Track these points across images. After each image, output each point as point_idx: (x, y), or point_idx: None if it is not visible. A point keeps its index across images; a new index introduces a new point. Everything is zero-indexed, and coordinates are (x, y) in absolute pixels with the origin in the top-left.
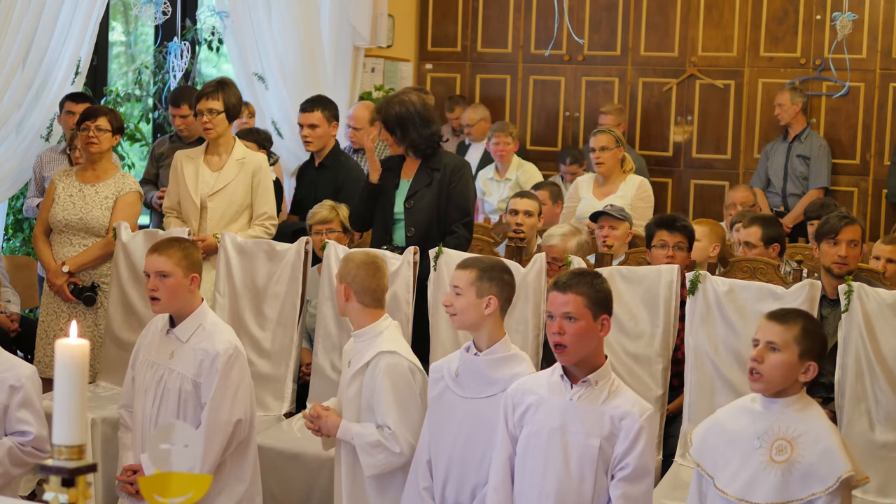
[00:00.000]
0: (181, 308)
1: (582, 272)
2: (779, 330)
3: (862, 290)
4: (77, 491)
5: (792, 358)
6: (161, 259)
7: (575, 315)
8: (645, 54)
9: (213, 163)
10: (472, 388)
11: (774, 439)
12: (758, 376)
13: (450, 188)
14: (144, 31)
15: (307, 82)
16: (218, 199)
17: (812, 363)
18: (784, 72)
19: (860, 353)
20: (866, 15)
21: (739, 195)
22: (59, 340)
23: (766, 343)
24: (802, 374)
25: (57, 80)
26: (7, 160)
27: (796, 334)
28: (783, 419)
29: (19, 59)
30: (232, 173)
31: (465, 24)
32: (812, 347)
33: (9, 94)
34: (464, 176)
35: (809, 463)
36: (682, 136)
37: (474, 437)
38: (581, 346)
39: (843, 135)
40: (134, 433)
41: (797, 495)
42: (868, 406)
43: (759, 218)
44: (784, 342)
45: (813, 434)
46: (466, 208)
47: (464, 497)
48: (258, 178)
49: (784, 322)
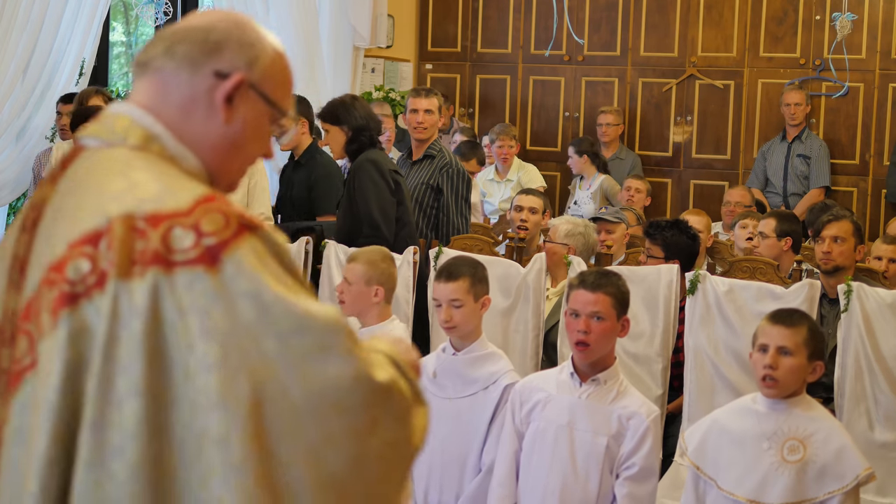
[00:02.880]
0: None
1: (607, 272)
2: (788, 334)
3: (861, 289)
4: None
5: (803, 360)
6: None
7: (603, 315)
8: (645, 54)
9: None
10: (451, 388)
11: (785, 440)
12: (773, 382)
13: (352, 193)
14: (145, 32)
15: (305, 82)
16: None
17: (819, 363)
18: (784, 72)
19: (860, 352)
20: (866, 15)
21: (737, 195)
22: None
23: (776, 348)
24: (811, 375)
25: (61, 83)
26: (10, 165)
27: (805, 337)
28: (792, 419)
29: (23, 63)
30: None
31: (465, 24)
32: (818, 347)
33: (12, 99)
34: (358, 177)
35: (824, 462)
36: (682, 137)
37: (455, 436)
38: (603, 346)
39: (843, 135)
40: None
41: (812, 494)
42: (867, 406)
43: (778, 212)
44: (795, 346)
45: (824, 433)
46: (369, 215)
47: (448, 497)
48: (255, 180)
49: (791, 325)
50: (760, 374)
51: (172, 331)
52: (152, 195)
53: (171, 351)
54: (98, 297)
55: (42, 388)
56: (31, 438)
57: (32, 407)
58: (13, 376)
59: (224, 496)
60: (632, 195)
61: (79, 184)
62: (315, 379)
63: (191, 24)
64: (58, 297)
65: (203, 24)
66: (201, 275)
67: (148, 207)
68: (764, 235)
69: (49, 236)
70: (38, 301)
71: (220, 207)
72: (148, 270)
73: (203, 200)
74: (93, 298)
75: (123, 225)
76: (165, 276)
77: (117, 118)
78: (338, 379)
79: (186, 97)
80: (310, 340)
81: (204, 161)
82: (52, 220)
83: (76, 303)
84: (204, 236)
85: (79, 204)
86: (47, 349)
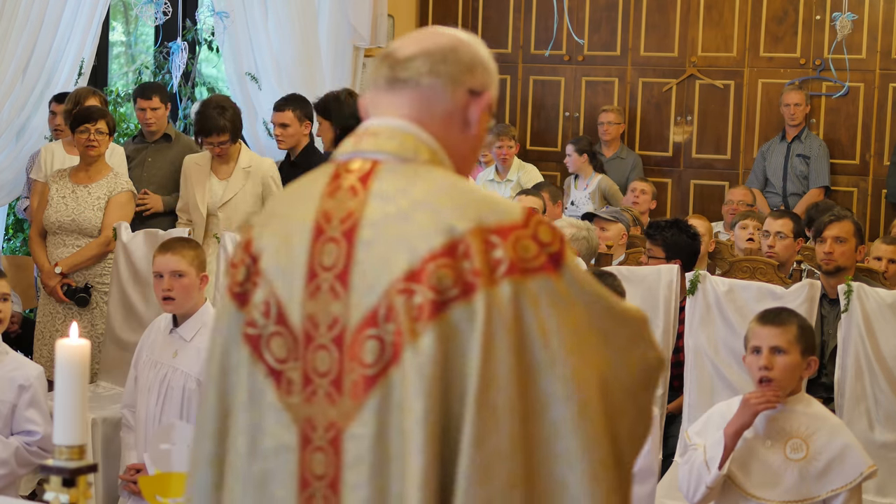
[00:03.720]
0: (188, 307)
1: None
2: (779, 333)
3: (861, 290)
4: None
5: (797, 357)
6: (175, 258)
7: None
8: (645, 54)
9: (220, 171)
10: None
11: (787, 438)
12: (769, 383)
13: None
14: (144, 32)
15: (305, 82)
16: (227, 210)
17: (813, 358)
18: (784, 72)
19: (860, 353)
20: (866, 15)
21: (739, 194)
22: (60, 341)
23: (769, 348)
24: (806, 371)
25: (60, 83)
26: (9, 165)
27: (796, 334)
28: (792, 418)
29: (22, 62)
30: (239, 183)
31: (465, 24)
32: (810, 343)
33: (12, 99)
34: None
35: (828, 459)
36: (682, 137)
37: None
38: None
39: (843, 135)
40: (137, 433)
41: (816, 492)
42: (868, 406)
43: (787, 212)
44: (787, 343)
45: (826, 431)
46: None
47: None
48: (269, 189)
49: (781, 324)
50: (757, 377)
51: (531, 329)
52: (485, 210)
53: (532, 346)
54: (466, 304)
55: (409, 389)
56: (405, 438)
57: (397, 408)
58: (366, 379)
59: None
60: (637, 197)
61: (406, 200)
62: (636, 363)
63: (441, 45)
64: (422, 304)
65: (451, 44)
66: (549, 280)
67: (491, 221)
68: (783, 236)
69: (386, 249)
70: (389, 309)
71: (543, 220)
72: (507, 278)
73: (530, 213)
74: (461, 305)
75: (477, 238)
76: (521, 282)
77: (404, 135)
78: (649, 361)
79: (447, 111)
80: (629, 331)
81: (455, 168)
82: (383, 233)
83: (444, 309)
84: (544, 246)
85: (420, 221)
86: (415, 351)
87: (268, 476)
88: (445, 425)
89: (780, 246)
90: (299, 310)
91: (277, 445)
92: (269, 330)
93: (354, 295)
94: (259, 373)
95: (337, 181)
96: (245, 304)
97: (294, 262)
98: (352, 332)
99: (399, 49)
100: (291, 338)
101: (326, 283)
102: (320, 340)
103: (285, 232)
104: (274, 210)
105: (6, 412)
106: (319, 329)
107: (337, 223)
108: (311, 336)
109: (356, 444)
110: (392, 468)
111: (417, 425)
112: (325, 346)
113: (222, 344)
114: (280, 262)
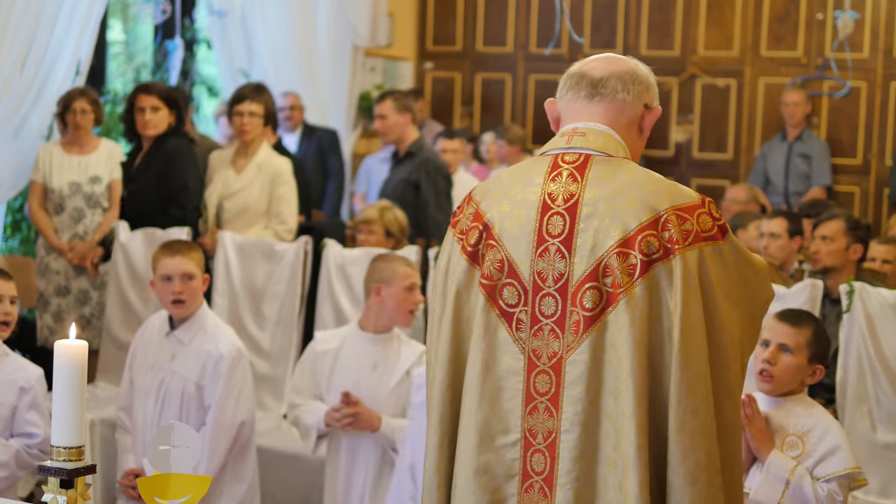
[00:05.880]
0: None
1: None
2: (791, 332)
3: (863, 290)
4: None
5: (802, 361)
6: (185, 261)
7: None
8: (646, 53)
9: (238, 164)
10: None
11: (785, 436)
12: (768, 377)
13: None
14: (142, 30)
15: (304, 81)
16: (233, 200)
17: (819, 367)
18: (785, 71)
19: (862, 353)
20: (868, 14)
21: (741, 194)
22: (59, 341)
23: (778, 345)
24: (809, 377)
25: (57, 81)
26: (7, 163)
27: (808, 338)
28: (792, 416)
29: (19, 61)
30: (250, 177)
31: (466, 23)
32: (820, 351)
33: (8, 97)
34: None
35: (819, 457)
36: (683, 136)
37: None
38: None
39: (845, 134)
40: (134, 436)
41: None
42: (870, 407)
43: (784, 211)
44: (797, 345)
45: (821, 429)
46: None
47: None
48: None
49: (796, 325)
50: (758, 368)
51: (707, 282)
52: (675, 194)
53: (711, 294)
54: (666, 263)
55: (621, 326)
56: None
57: (610, 342)
58: (586, 319)
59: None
60: None
61: (615, 185)
62: (763, 300)
63: (627, 69)
64: (635, 264)
65: (632, 68)
66: (720, 246)
67: (680, 202)
68: (776, 236)
69: (601, 222)
70: (606, 267)
71: (712, 201)
72: (695, 244)
73: (702, 196)
74: (662, 264)
75: (673, 215)
76: (703, 248)
77: (606, 136)
78: (769, 298)
79: (630, 120)
80: (760, 277)
81: None
82: (605, 209)
83: (650, 267)
84: (716, 220)
85: (628, 201)
86: (629, 297)
87: (499, 392)
88: (650, 352)
89: (774, 246)
90: (528, 267)
91: (508, 369)
92: (502, 282)
93: (577, 256)
94: (493, 314)
95: (557, 170)
96: (476, 260)
97: (524, 230)
98: (574, 284)
99: (592, 70)
100: (522, 288)
101: (553, 246)
102: (547, 290)
103: (513, 207)
104: (497, 188)
105: (6, 414)
106: (546, 282)
107: (561, 201)
108: (539, 287)
109: (574, 368)
110: (604, 387)
111: (628, 353)
112: (551, 294)
113: (456, 290)
114: (512, 231)
